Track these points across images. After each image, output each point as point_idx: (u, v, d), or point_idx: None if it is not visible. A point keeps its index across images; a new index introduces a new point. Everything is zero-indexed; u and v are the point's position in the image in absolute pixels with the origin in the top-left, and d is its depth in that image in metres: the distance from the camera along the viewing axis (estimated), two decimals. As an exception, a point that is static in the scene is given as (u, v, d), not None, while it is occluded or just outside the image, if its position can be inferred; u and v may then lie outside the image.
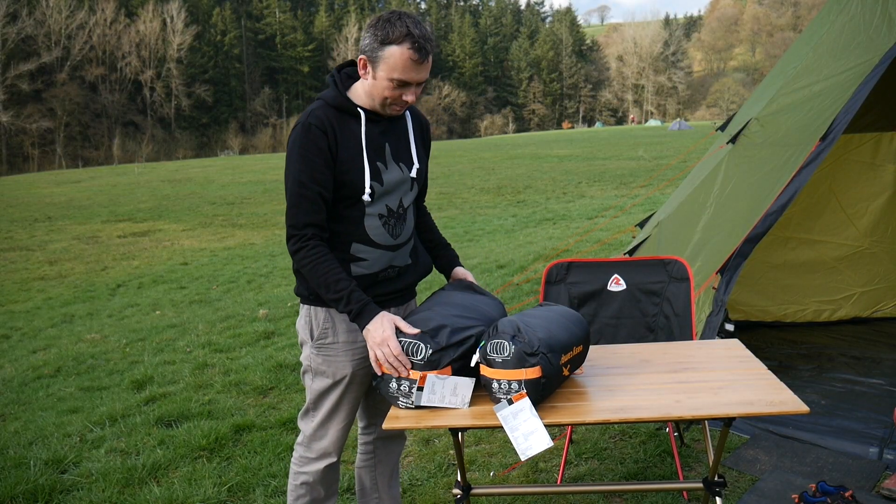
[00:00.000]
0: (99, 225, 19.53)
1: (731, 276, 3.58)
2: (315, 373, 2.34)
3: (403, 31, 2.09)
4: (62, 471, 3.58)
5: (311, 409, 2.38)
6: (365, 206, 2.23)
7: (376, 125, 2.26)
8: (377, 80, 2.16)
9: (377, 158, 2.24)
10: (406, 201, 2.33)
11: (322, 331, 2.30)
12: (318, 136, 2.15)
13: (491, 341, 2.05)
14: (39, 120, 67.97)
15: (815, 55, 4.05)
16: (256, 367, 5.10)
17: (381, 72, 2.14)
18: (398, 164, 2.30)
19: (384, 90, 2.16)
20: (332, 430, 2.37)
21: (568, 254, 8.78)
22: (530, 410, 1.98)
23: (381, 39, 2.11)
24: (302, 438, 2.42)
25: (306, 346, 2.36)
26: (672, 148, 33.38)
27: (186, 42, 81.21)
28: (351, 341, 2.30)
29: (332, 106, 2.21)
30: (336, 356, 2.30)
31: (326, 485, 2.42)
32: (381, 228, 2.26)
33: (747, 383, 2.15)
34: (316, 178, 2.16)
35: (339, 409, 2.36)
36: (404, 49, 2.09)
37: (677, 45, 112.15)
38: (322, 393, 2.34)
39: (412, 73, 2.13)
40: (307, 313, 2.33)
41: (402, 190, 2.31)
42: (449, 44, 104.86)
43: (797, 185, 3.53)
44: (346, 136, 2.20)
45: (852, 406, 3.78)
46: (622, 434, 3.63)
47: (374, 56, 2.13)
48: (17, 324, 8.84)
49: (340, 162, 2.18)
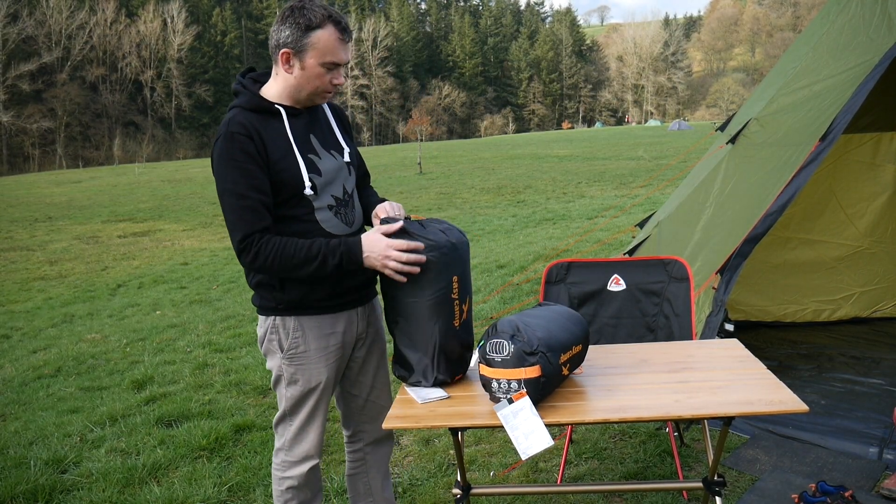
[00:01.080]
0: (99, 225, 19.53)
1: (731, 276, 3.58)
2: (289, 381, 2.31)
3: (324, 14, 2.09)
4: (62, 471, 3.58)
5: (287, 415, 2.36)
6: (312, 202, 2.19)
7: (298, 119, 2.23)
8: (306, 70, 2.13)
9: (308, 151, 2.21)
10: (349, 186, 2.31)
11: (293, 340, 2.26)
12: (245, 143, 2.09)
13: (490, 340, 2.05)
14: (40, 120, 68.02)
15: (815, 55, 4.05)
16: (256, 367, 5.10)
17: (310, 59, 2.11)
18: (329, 153, 2.27)
19: (316, 78, 2.14)
20: (312, 433, 2.36)
21: (568, 254, 8.78)
22: (530, 410, 1.98)
23: (304, 27, 2.09)
24: (282, 444, 2.39)
25: (274, 356, 2.31)
26: (672, 148, 33.38)
27: (187, 42, 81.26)
28: (322, 347, 2.28)
29: (249, 110, 2.16)
30: (309, 364, 2.28)
31: (312, 486, 2.42)
32: (333, 219, 2.24)
33: (747, 383, 2.15)
34: (254, 185, 2.09)
35: (316, 413, 2.34)
36: (330, 31, 2.09)
37: (677, 45, 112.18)
38: (298, 400, 2.32)
39: (341, 54, 2.13)
40: (273, 324, 2.27)
41: (342, 176, 2.28)
42: (449, 44, 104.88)
43: (797, 185, 3.53)
44: (272, 137, 2.15)
45: (852, 406, 3.78)
46: (622, 434, 3.63)
47: (300, 45, 2.10)
48: (18, 324, 8.84)
49: (273, 163, 2.13)
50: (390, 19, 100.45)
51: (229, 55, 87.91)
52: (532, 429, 1.97)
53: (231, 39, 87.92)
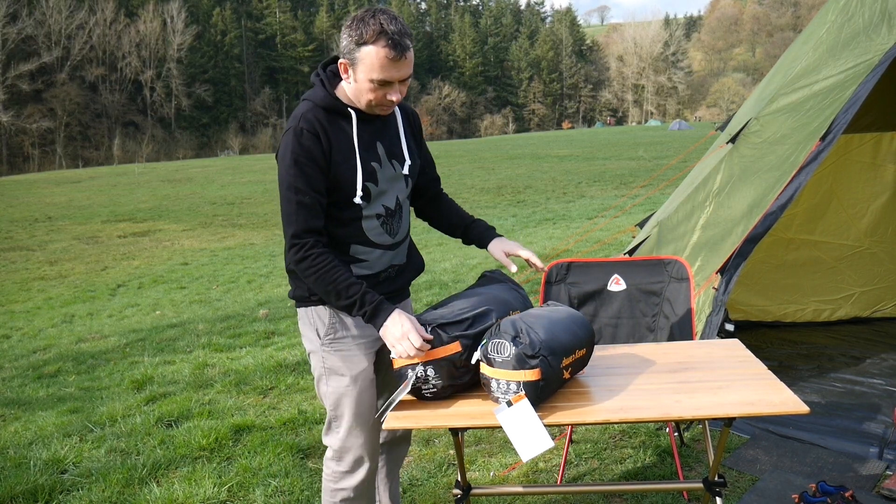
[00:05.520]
0: (99, 225, 19.53)
1: (731, 276, 3.58)
2: (330, 373, 2.26)
3: (377, 29, 2.01)
4: (62, 471, 3.58)
5: (332, 419, 2.30)
6: (361, 209, 2.19)
7: (368, 125, 2.21)
8: (358, 83, 2.10)
9: (371, 159, 2.20)
10: (402, 198, 2.30)
11: (330, 327, 2.24)
12: (311, 141, 2.10)
13: (492, 340, 2.04)
14: (39, 120, 67.99)
15: (814, 55, 4.05)
16: (256, 367, 5.10)
17: (360, 74, 2.07)
18: (391, 163, 2.25)
19: (368, 92, 2.10)
20: (362, 434, 2.28)
21: (568, 254, 8.78)
22: (530, 412, 1.97)
23: (356, 40, 2.04)
24: (331, 453, 2.32)
25: (315, 352, 2.28)
26: (672, 148, 33.37)
27: (186, 42, 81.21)
28: (361, 335, 2.25)
29: (321, 107, 2.15)
30: (350, 349, 2.25)
31: (369, 497, 2.35)
32: (379, 228, 2.24)
33: (747, 383, 2.15)
34: (312, 184, 2.11)
35: (362, 410, 2.27)
36: (380, 48, 2.02)
37: (677, 45, 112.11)
38: (341, 394, 2.26)
39: (392, 72, 2.06)
40: (309, 315, 2.27)
41: (398, 188, 2.27)
42: (449, 44, 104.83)
43: (797, 185, 3.53)
44: (338, 138, 2.14)
45: (852, 406, 3.78)
46: (622, 434, 3.63)
47: (352, 58, 2.07)
48: (18, 324, 8.84)
49: (335, 164, 2.13)
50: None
51: (229, 55, 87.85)
52: (532, 431, 1.97)
53: (231, 39, 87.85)
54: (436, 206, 2.58)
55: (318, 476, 3.36)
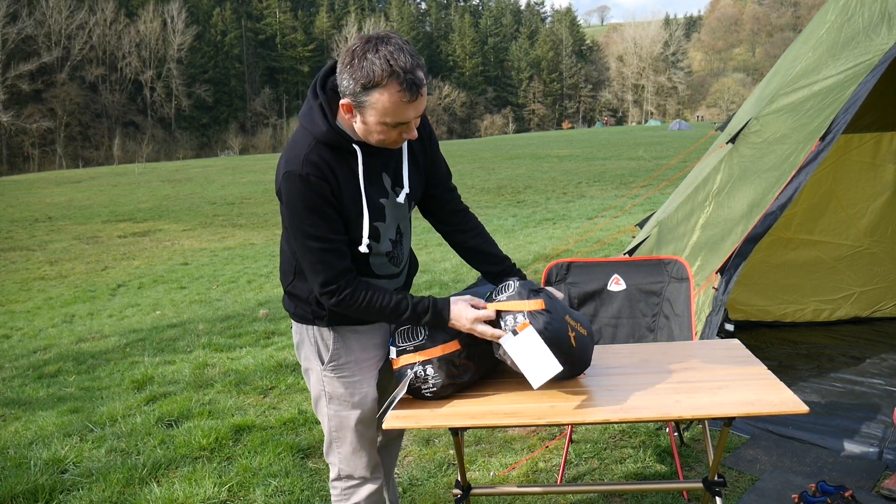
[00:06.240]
0: (99, 225, 19.53)
1: (731, 276, 3.58)
2: (331, 398, 2.16)
3: (386, 70, 1.76)
4: (62, 471, 3.58)
5: (334, 440, 2.21)
6: (370, 249, 2.07)
7: (374, 158, 2.02)
8: (368, 125, 1.89)
9: (379, 195, 2.05)
10: (403, 225, 2.17)
11: (334, 351, 2.14)
12: (320, 186, 1.91)
13: (497, 288, 2.12)
14: (40, 120, 68.01)
15: (814, 55, 4.05)
16: (256, 367, 5.10)
17: (370, 117, 1.86)
18: (394, 190, 2.10)
19: (379, 133, 1.90)
20: (366, 453, 2.22)
21: (568, 254, 8.78)
22: (536, 338, 1.96)
23: (363, 84, 1.79)
24: (336, 473, 2.25)
25: (312, 372, 2.19)
26: (672, 148, 33.37)
27: (187, 42, 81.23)
28: (366, 358, 2.18)
29: (323, 143, 1.93)
30: (354, 376, 2.15)
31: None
32: (386, 264, 2.15)
33: (747, 383, 2.15)
34: (333, 228, 1.96)
35: (365, 432, 2.21)
36: (393, 92, 1.79)
37: (677, 45, 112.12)
38: (343, 418, 2.17)
39: (407, 113, 1.84)
40: (310, 335, 2.16)
41: (399, 216, 2.14)
42: (449, 44, 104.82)
43: (797, 185, 3.53)
44: (345, 177, 1.97)
45: (852, 406, 3.78)
46: (622, 434, 3.63)
47: (358, 101, 1.84)
48: (18, 324, 8.83)
49: (343, 206, 1.98)
50: (390, 19, 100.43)
51: (229, 55, 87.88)
52: (539, 357, 1.95)
53: (231, 39, 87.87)
54: (459, 230, 2.35)
55: (318, 476, 3.36)
